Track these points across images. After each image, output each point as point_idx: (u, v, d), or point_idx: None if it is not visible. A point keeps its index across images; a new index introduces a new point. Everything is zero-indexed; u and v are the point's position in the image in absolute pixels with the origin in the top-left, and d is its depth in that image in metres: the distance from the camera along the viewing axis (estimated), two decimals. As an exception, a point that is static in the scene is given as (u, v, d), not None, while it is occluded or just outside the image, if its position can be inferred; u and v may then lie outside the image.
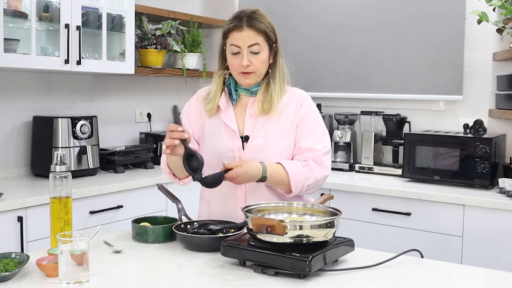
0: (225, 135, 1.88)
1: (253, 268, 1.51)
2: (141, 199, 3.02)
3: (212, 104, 1.90)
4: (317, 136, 1.88)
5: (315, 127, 1.89)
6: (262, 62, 1.84)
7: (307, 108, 1.90)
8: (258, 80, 1.88)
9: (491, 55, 3.25)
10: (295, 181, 1.79)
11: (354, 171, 3.52)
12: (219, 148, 1.88)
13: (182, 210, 1.89)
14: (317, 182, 1.85)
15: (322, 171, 1.85)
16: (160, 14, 3.61)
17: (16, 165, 3.09)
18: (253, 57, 1.82)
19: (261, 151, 1.84)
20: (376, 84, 3.60)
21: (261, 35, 1.82)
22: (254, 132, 1.86)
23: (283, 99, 1.89)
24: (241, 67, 1.82)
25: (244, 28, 1.81)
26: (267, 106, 1.85)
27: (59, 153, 1.63)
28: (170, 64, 3.93)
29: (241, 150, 1.86)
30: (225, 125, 1.88)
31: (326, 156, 1.88)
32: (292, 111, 1.88)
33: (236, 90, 1.91)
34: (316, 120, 1.91)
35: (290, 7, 3.90)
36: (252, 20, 1.82)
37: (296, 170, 1.80)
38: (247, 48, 1.81)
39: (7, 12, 2.68)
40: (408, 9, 3.46)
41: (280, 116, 1.86)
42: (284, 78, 1.92)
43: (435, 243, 2.79)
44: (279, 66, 1.90)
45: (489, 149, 2.86)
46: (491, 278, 1.55)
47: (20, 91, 3.10)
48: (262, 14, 1.86)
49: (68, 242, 1.40)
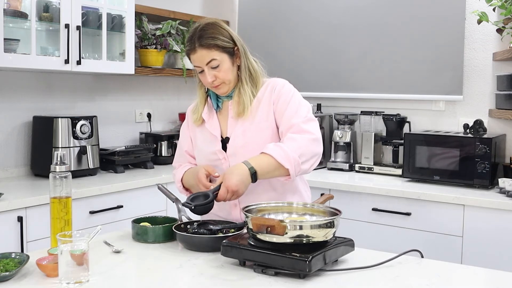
0: (209, 140, 1.96)
1: (253, 268, 1.51)
2: (141, 199, 3.02)
3: (196, 115, 2.00)
4: (291, 111, 1.87)
5: (288, 103, 1.89)
6: (226, 72, 1.87)
7: (278, 90, 1.91)
8: (231, 87, 1.92)
9: (491, 55, 3.25)
10: (283, 157, 1.76)
11: (354, 171, 3.52)
12: (204, 154, 1.98)
13: (182, 210, 1.89)
14: (307, 149, 1.81)
15: (306, 136, 1.82)
16: (160, 14, 3.61)
17: (16, 165, 3.09)
18: (215, 71, 1.86)
19: (242, 149, 1.89)
20: (376, 84, 3.60)
21: (214, 49, 1.84)
22: (234, 133, 1.92)
23: (259, 94, 1.93)
24: (209, 83, 1.89)
25: (196, 49, 1.85)
26: (240, 110, 1.90)
27: (59, 153, 1.63)
28: (170, 64, 3.93)
29: (222, 151, 1.92)
30: (210, 133, 1.97)
31: (306, 124, 1.85)
32: (267, 100, 1.92)
33: (218, 98, 1.98)
34: (289, 96, 1.90)
35: (290, 7, 3.89)
36: (201, 39, 1.84)
37: (276, 148, 1.78)
38: (206, 66, 1.86)
39: (7, 12, 2.68)
40: (408, 9, 3.46)
41: (257, 111, 1.90)
42: (256, 76, 1.95)
43: (435, 243, 2.79)
44: (245, 67, 1.92)
45: (489, 149, 2.86)
46: (491, 278, 1.55)
47: (20, 91, 3.10)
48: (212, 27, 1.87)
49: (68, 242, 1.40)
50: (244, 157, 1.82)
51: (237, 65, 1.92)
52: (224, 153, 1.92)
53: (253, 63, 1.95)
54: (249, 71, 1.93)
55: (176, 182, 2.04)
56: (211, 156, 1.94)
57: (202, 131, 1.99)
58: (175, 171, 2.08)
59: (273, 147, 1.79)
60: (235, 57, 1.90)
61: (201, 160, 2.00)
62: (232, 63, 1.89)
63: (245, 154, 1.85)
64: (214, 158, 1.94)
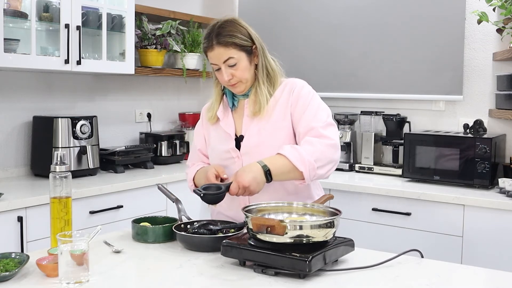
0: (224, 138, 1.95)
1: (253, 268, 1.51)
2: (141, 199, 3.02)
3: (211, 113, 1.99)
4: (312, 114, 1.85)
5: (307, 106, 1.86)
6: (243, 71, 1.86)
7: (297, 92, 1.89)
8: (248, 85, 1.91)
9: (491, 55, 3.25)
10: (298, 159, 1.74)
11: (354, 171, 3.52)
12: (218, 151, 1.96)
13: (182, 210, 1.89)
14: (323, 154, 1.77)
15: (324, 141, 1.79)
16: (160, 14, 3.61)
17: (16, 165, 3.09)
18: (232, 69, 1.85)
19: (256, 148, 1.87)
20: (376, 84, 3.60)
21: (232, 48, 1.83)
22: (249, 132, 1.90)
23: (276, 93, 1.91)
24: (225, 81, 1.87)
25: (214, 47, 1.84)
26: (256, 109, 1.88)
27: (59, 153, 1.63)
28: (170, 64, 3.93)
29: (236, 150, 1.91)
30: (224, 131, 1.95)
31: (325, 129, 1.82)
32: (285, 101, 1.89)
33: (234, 97, 1.96)
34: (309, 99, 1.88)
35: (290, 7, 3.89)
36: (220, 36, 1.83)
37: (292, 150, 1.76)
38: (223, 64, 1.84)
39: (7, 12, 2.68)
40: (408, 9, 3.46)
41: (273, 110, 1.88)
42: (274, 75, 1.93)
43: (435, 243, 2.79)
44: (263, 67, 1.91)
45: (489, 149, 2.86)
46: (491, 278, 1.55)
47: (20, 91, 3.10)
48: (231, 25, 1.86)
49: (68, 242, 1.40)
50: (257, 157, 1.81)
51: (255, 64, 1.90)
52: (238, 151, 1.90)
53: (271, 62, 1.94)
54: (267, 70, 1.91)
55: (188, 181, 2.03)
56: (224, 155, 1.92)
57: (217, 130, 1.98)
58: (188, 170, 2.07)
59: (289, 148, 1.77)
60: (253, 55, 1.88)
61: (214, 159, 1.98)
62: (250, 62, 1.88)
63: (258, 153, 1.83)
64: (227, 157, 1.92)
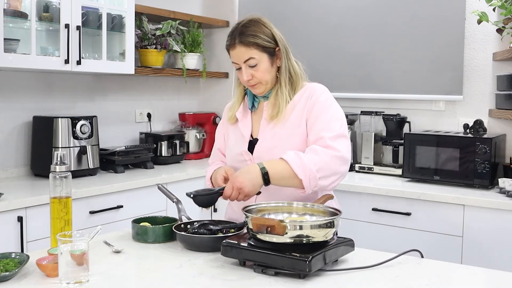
0: (238, 140, 1.94)
1: (253, 268, 1.51)
2: (141, 199, 3.02)
3: (231, 113, 1.99)
4: (324, 122, 1.80)
5: (322, 114, 1.82)
6: (264, 72, 1.84)
7: (315, 98, 1.85)
8: (268, 87, 1.89)
9: (491, 55, 3.25)
10: (298, 166, 1.70)
11: (354, 171, 3.52)
12: (232, 153, 1.97)
13: (182, 210, 1.89)
14: (327, 166, 1.73)
15: (330, 152, 1.74)
16: (160, 14, 3.61)
17: (16, 165, 3.09)
18: (252, 70, 1.84)
19: (269, 152, 1.84)
20: (376, 84, 3.60)
21: (253, 48, 1.82)
22: (263, 135, 1.89)
23: (295, 98, 1.88)
24: (245, 81, 1.86)
25: (236, 45, 1.83)
26: (274, 113, 1.86)
27: (59, 153, 1.63)
28: (170, 64, 3.93)
29: (248, 153, 1.90)
30: (240, 132, 1.95)
31: (334, 140, 1.77)
32: (302, 106, 1.86)
33: (255, 98, 1.95)
34: (325, 106, 1.83)
35: (290, 7, 3.89)
36: (243, 36, 1.82)
37: (295, 156, 1.72)
38: (243, 64, 1.84)
39: (7, 12, 2.68)
40: (408, 9, 3.46)
41: (290, 115, 1.85)
42: (296, 79, 1.90)
43: (435, 243, 2.79)
44: (286, 69, 1.88)
45: (489, 149, 2.86)
46: (491, 278, 1.55)
47: (20, 91, 3.10)
48: (255, 24, 1.85)
49: (68, 242, 1.40)
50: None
51: (277, 66, 1.88)
52: (250, 154, 1.89)
53: (294, 65, 1.91)
54: (289, 74, 1.89)
55: (206, 180, 2.04)
56: (238, 157, 1.92)
57: (235, 130, 1.98)
58: (208, 168, 2.08)
59: (292, 154, 1.74)
60: (275, 57, 1.87)
61: (229, 160, 1.99)
62: (272, 64, 1.86)
63: (270, 158, 1.80)
64: (240, 159, 1.91)
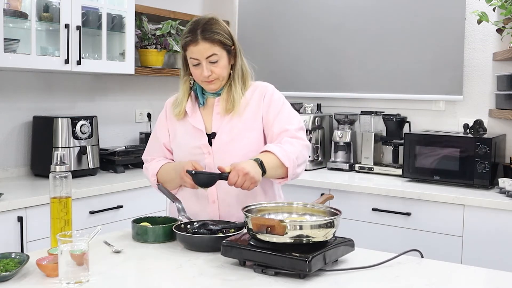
0: (193, 135, 1.96)
1: (253, 268, 1.51)
2: (141, 199, 3.02)
3: (179, 109, 1.99)
4: (285, 117, 1.93)
5: (280, 110, 1.94)
6: (223, 69, 1.90)
7: (269, 97, 1.95)
8: (222, 84, 1.95)
9: (491, 55, 3.25)
10: (284, 156, 1.81)
11: (354, 171, 3.52)
12: (188, 147, 1.96)
13: (182, 210, 1.89)
14: (302, 154, 1.88)
15: (300, 142, 1.89)
16: (160, 14, 3.61)
17: (16, 165, 3.09)
18: (212, 66, 1.88)
19: (228, 145, 1.90)
20: (376, 84, 3.60)
21: (217, 45, 1.87)
22: (221, 129, 1.93)
23: (246, 95, 1.96)
24: (203, 77, 1.89)
25: (199, 41, 1.86)
26: (230, 107, 1.92)
27: (59, 153, 1.63)
28: (170, 64, 3.93)
29: (208, 146, 1.93)
30: (193, 127, 1.96)
31: (299, 132, 1.92)
32: (255, 103, 1.95)
33: (203, 94, 1.99)
34: (280, 104, 1.95)
35: (290, 7, 3.89)
36: (206, 32, 1.86)
37: (277, 147, 1.84)
38: (205, 60, 1.87)
39: (7, 12, 2.68)
40: (408, 9, 3.46)
41: (244, 111, 1.93)
42: (246, 76, 1.98)
43: (435, 243, 2.79)
44: (239, 67, 1.96)
45: (489, 149, 2.86)
46: (491, 278, 1.55)
47: (20, 91, 3.10)
48: (216, 22, 1.90)
49: (68, 242, 1.40)
50: (229, 154, 1.87)
51: (231, 64, 1.94)
52: (209, 147, 1.92)
53: (245, 64, 1.99)
54: (242, 71, 1.97)
55: (151, 176, 1.99)
56: (194, 150, 1.94)
57: (184, 125, 1.99)
58: (147, 164, 2.04)
59: (274, 146, 1.84)
60: (231, 55, 1.93)
61: (181, 155, 1.98)
62: (228, 61, 1.92)
63: (230, 151, 1.89)
64: (197, 153, 1.93)
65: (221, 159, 1.88)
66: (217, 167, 1.77)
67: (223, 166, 1.76)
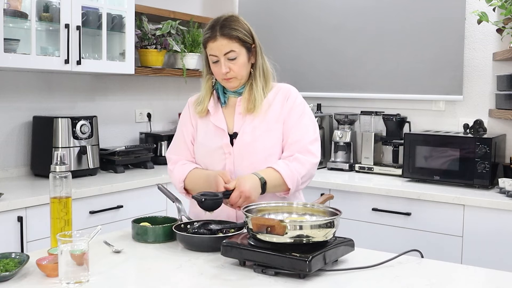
0: (214, 134, 1.95)
1: (253, 268, 1.51)
2: (141, 199, 3.02)
3: (201, 107, 1.98)
4: (303, 127, 1.92)
5: (300, 118, 1.93)
6: (241, 66, 1.89)
7: (292, 101, 1.95)
8: (242, 83, 1.93)
9: (491, 55, 3.25)
10: (288, 176, 1.83)
11: (354, 171, 3.52)
12: (209, 146, 1.95)
13: (182, 210, 1.89)
14: (309, 172, 1.90)
15: (309, 159, 1.89)
16: (160, 14, 3.61)
17: (16, 165, 3.09)
18: (231, 63, 1.87)
19: (250, 146, 1.89)
20: (376, 84, 3.60)
21: (235, 41, 1.86)
22: (243, 129, 1.91)
23: (269, 96, 1.95)
24: (222, 74, 1.88)
25: (217, 37, 1.86)
26: (251, 106, 1.91)
27: (59, 153, 1.63)
28: (170, 64, 3.92)
29: (230, 146, 1.91)
30: (214, 126, 1.95)
31: (312, 144, 1.91)
32: (279, 106, 1.94)
33: (225, 93, 1.98)
34: (301, 111, 1.95)
35: (290, 7, 3.89)
36: (225, 28, 1.86)
37: (285, 167, 1.84)
38: (223, 56, 1.87)
39: (7, 12, 2.68)
40: (408, 9, 3.46)
41: (266, 112, 1.92)
42: (268, 76, 1.97)
43: (435, 243, 2.79)
44: (260, 66, 1.95)
45: (489, 149, 2.86)
46: (491, 278, 1.55)
47: (20, 91, 3.10)
48: (235, 20, 1.90)
49: (68, 242, 1.40)
50: (250, 154, 1.87)
51: (251, 63, 1.93)
52: (231, 147, 1.91)
53: (267, 63, 1.98)
54: (263, 70, 1.95)
55: (178, 182, 1.95)
56: (216, 151, 1.92)
57: (206, 124, 1.97)
58: (172, 166, 1.99)
59: (282, 165, 1.85)
60: (251, 54, 1.92)
61: (202, 155, 1.96)
62: (248, 59, 1.91)
63: (251, 152, 1.88)
64: (218, 153, 1.92)
65: (242, 160, 1.88)
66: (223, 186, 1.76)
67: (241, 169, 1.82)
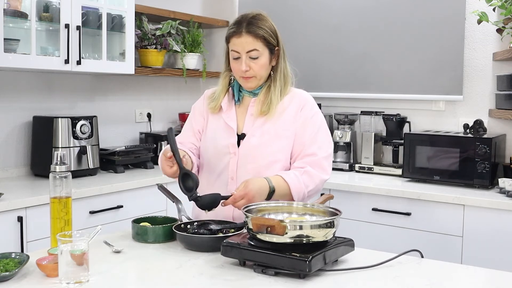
0: (224, 132, 1.93)
1: (253, 268, 1.51)
2: (141, 199, 3.02)
3: (215, 103, 1.96)
4: (319, 141, 1.90)
5: (318, 131, 1.90)
6: (262, 67, 1.86)
7: (308, 111, 1.91)
8: (260, 83, 1.90)
9: (491, 55, 3.25)
10: (296, 190, 1.82)
11: (354, 171, 3.52)
12: (216, 143, 1.93)
13: (182, 210, 1.89)
14: (316, 187, 1.89)
15: (320, 175, 1.88)
16: (160, 14, 3.61)
17: (16, 165, 3.09)
18: (252, 62, 1.84)
19: (255, 150, 1.87)
20: (376, 84, 3.60)
21: (260, 41, 1.84)
22: (252, 131, 1.89)
23: (284, 100, 1.91)
24: (241, 71, 1.85)
25: (242, 34, 1.83)
26: (265, 109, 1.88)
27: (59, 153, 1.63)
28: (170, 64, 3.93)
29: (236, 146, 1.90)
30: (225, 123, 1.93)
31: (326, 160, 1.90)
32: (293, 113, 1.90)
33: (240, 91, 1.95)
34: (319, 123, 1.92)
35: (290, 7, 3.89)
36: (251, 25, 1.84)
37: (295, 180, 1.83)
38: (245, 54, 1.84)
39: (7, 12, 2.68)
40: (408, 9, 3.46)
41: (279, 117, 1.89)
42: (287, 80, 1.94)
43: (435, 243, 2.79)
44: (281, 69, 1.92)
45: (489, 149, 2.86)
46: (491, 278, 1.55)
47: (20, 91, 3.10)
48: (263, 19, 1.87)
49: (68, 242, 1.40)
50: (254, 158, 1.85)
51: (272, 65, 1.91)
52: (236, 148, 1.89)
53: (288, 67, 1.95)
54: (283, 74, 1.92)
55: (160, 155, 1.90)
56: (222, 149, 1.90)
57: (217, 120, 1.95)
58: None
59: (293, 177, 1.83)
60: (273, 56, 1.89)
61: (209, 150, 1.95)
62: (269, 61, 1.88)
63: (256, 155, 1.86)
64: (224, 151, 1.90)
65: (246, 162, 1.86)
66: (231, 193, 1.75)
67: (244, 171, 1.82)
